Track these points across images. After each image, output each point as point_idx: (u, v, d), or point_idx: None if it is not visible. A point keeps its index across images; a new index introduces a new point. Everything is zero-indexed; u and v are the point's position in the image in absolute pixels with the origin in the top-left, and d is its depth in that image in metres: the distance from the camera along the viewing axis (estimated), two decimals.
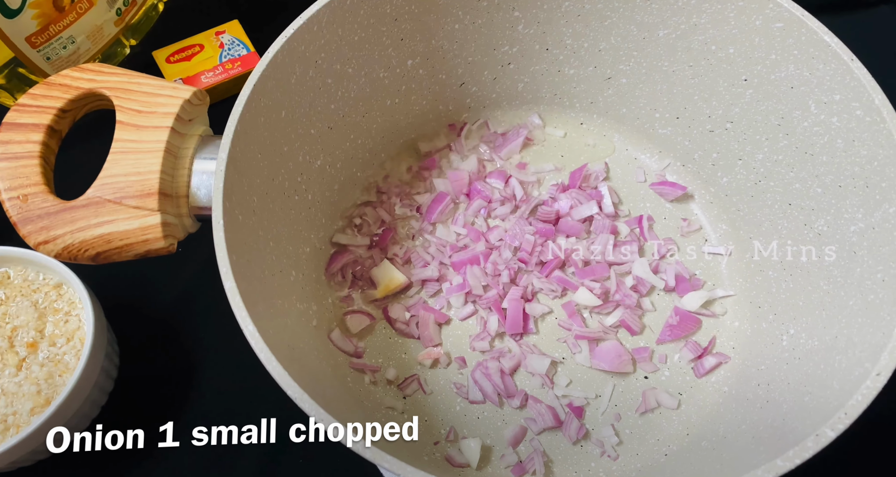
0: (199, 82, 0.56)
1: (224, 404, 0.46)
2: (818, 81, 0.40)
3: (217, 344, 0.48)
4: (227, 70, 0.57)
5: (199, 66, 0.57)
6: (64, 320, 0.43)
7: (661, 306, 0.48)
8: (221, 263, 0.33)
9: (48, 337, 0.43)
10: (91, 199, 0.35)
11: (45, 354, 0.42)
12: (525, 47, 0.49)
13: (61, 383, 0.41)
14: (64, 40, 0.51)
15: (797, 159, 0.43)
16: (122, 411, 0.45)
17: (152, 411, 0.46)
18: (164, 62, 0.57)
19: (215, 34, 0.59)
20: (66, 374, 0.41)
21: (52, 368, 0.41)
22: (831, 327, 0.38)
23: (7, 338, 0.42)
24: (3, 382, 0.41)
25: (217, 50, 0.58)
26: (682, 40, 0.46)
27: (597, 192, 0.51)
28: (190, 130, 0.38)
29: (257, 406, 0.43)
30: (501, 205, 0.51)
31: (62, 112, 0.37)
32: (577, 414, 0.44)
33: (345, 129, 0.47)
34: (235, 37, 0.58)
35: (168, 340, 0.49)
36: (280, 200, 0.43)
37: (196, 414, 0.46)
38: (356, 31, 0.43)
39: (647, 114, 0.51)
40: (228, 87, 0.58)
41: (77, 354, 0.42)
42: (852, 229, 0.39)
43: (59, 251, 0.35)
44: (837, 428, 0.30)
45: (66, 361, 0.42)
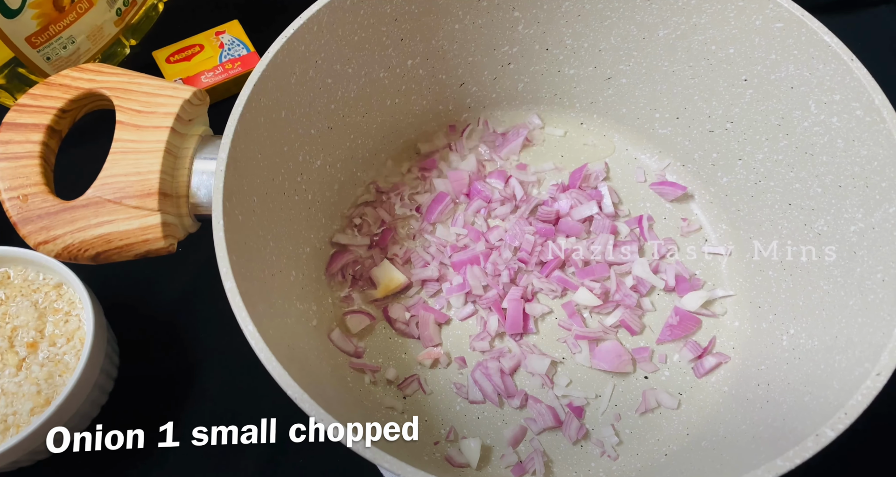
0: (199, 82, 0.56)
1: (224, 404, 0.46)
2: (818, 81, 0.40)
3: (217, 344, 0.48)
4: (227, 70, 0.57)
5: (199, 67, 0.57)
6: (64, 320, 0.43)
7: (661, 306, 0.48)
8: (221, 263, 0.33)
9: (48, 337, 0.43)
10: (91, 200, 0.35)
11: (45, 353, 0.42)
12: (525, 47, 0.49)
13: (61, 383, 0.41)
14: (64, 40, 0.51)
15: (797, 159, 0.43)
16: (122, 411, 0.45)
17: (152, 411, 0.46)
18: (164, 62, 0.57)
19: (215, 34, 0.59)
20: (66, 374, 0.41)
21: (52, 368, 0.41)
22: (831, 327, 0.38)
23: (7, 338, 0.42)
24: (3, 382, 0.41)
25: (217, 50, 0.58)
26: (682, 40, 0.46)
27: (597, 192, 0.51)
28: (190, 130, 0.38)
29: (257, 406, 0.43)
30: (501, 205, 0.51)
31: (62, 112, 0.37)
32: (577, 414, 0.44)
33: (345, 129, 0.47)
34: (235, 37, 0.58)
35: (168, 339, 0.49)
36: (280, 200, 0.43)
37: (196, 414, 0.46)
38: (356, 31, 0.43)
39: (648, 114, 0.51)
40: (228, 87, 0.58)
41: (77, 354, 0.42)
42: (852, 229, 0.39)
43: (59, 251, 0.35)
44: (837, 428, 0.30)
45: (66, 360, 0.42)
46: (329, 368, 0.43)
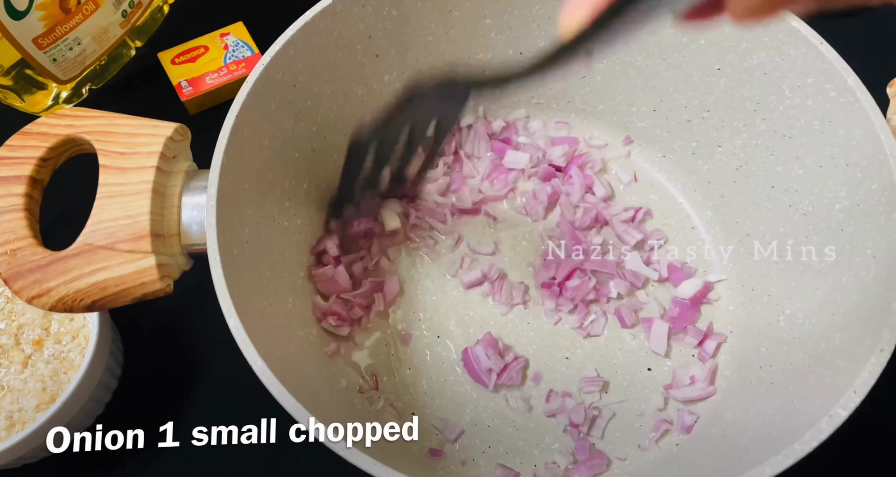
0: (203, 83, 0.56)
1: (225, 404, 0.46)
2: (790, 66, 0.41)
3: (219, 343, 0.47)
4: (231, 72, 0.57)
5: (203, 68, 0.57)
6: (69, 318, 0.44)
7: (659, 298, 0.49)
8: (223, 300, 0.33)
9: (53, 335, 0.43)
10: (82, 248, 0.34)
11: (50, 351, 0.43)
12: (499, 53, 0.50)
13: (66, 381, 0.42)
14: (70, 42, 0.51)
15: (776, 143, 0.44)
16: (125, 410, 0.45)
17: (154, 410, 0.46)
18: (170, 63, 0.57)
19: (220, 36, 0.59)
20: (70, 371, 0.42)
21: (57, 366, 0.42)
22: (827, 306, 0.39)
23: (13, 335, 0.43)
24: (9, 379, 0.42)
25: (221, 52, 0.58)
26: (653, 35, 0.46)
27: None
28: (175, 167, 0.37)
29: (258, 406, 0.42)
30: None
31: (42, 161, 0.36)
32: (584, 410, 0.45)
33: (328, 150, 0.47)
34: (240, 38, 0.58)
35: (171, 338, 0.49)
36: (270, 228, 0.42)
37: (196, 414, 0.46)
38: (331, 52, 0.43)
39: (625, 108, 0.52)
40: (233, 88, 0.57)
41: (82, 352, 0.43)
42: (837, 208, 0.40)
43: (53, 304, 0.34)
44: (849, 407, 0.30)
45: (70, 358, 0.43)
46: (336, 394, 0.43)
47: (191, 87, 0.56)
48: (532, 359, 0.46)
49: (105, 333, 0.42)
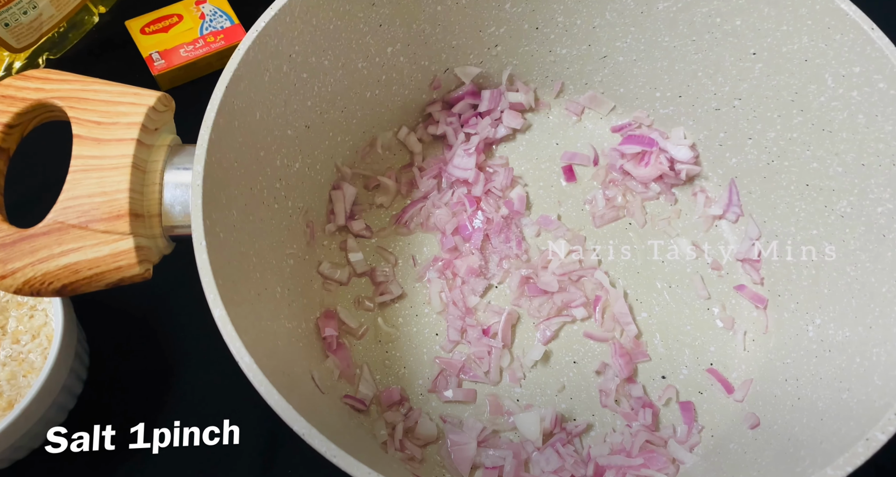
0: (177, 56, 0.54)
1: (203, 405, 0.46)
2: (835, 53, 0.40)
3: (196, 342, 0.47)
4: (208, 44, 0.55)
5: (177, 39, 0.55)
6: (29, 315, 0.42)
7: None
8: (208, 289, 0.32)
9: (11, 333, 0.42)
10: (52, 226, 0.33)
11: (7, 351, 0.41)
12: (513, 27, 0.48)
13: (26, 384, 0.40)
14: (24, 4, 0.49)
15: (814, 137, 0.43)
16: (92, 416, 0.44)
17: (124, 415, 0.44)
18: (139, 33, 0.55)
19: (196, 4, 0.56)
20: (31, 374, 0.40)
21: (15, 368, 0.40)
22: (864, 317, 0.38)
23: None
24: None
25: (198, 21, 0.55)
26: (684, 13, 0.45)
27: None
28: (157, 141, 0.36)
29: (240, 406, 0.42)
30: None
31: (8, 128, 0.35)
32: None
33: (323, 126, 0.46)
34: (218, 7, 0.56)
35: (143, 338, 0.48)
36: (259, 211, 0.41)
37: (173, 416, 0.44)
38: (331, 20, 0.41)
39: (647, 93, 0.51)
40: (210, 62, 0.55)
41: (44, 353, 0.41)
42: (879, 211, 0.39)
43: (19, 286, 0.33)
44: (888, 430, 0.30)
45: (31, 359, 0.41)
46: (327, 398, 0.42)
47: (163, 60, 0.53)
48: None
49: (70, 332, 0.40)
